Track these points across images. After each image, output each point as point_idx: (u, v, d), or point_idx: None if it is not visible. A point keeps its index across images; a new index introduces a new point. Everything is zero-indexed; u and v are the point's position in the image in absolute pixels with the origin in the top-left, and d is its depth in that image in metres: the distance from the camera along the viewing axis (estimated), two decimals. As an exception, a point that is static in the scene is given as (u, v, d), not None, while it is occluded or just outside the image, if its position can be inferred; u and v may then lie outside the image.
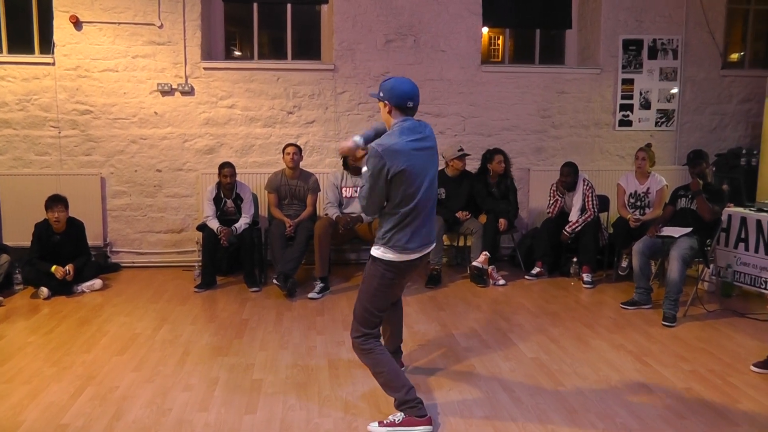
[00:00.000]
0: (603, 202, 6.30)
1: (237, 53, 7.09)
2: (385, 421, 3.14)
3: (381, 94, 3.10)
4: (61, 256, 5.47)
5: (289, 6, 6.71)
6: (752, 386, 3.65)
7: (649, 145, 5.95)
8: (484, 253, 5.79)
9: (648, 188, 5.88)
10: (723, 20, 7.05)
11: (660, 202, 5.78)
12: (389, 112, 3.12)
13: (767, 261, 5.11)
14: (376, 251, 3.14)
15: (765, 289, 5.11)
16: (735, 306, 5.20)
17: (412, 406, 3.14)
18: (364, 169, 3.06)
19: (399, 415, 3.15)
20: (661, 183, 5.86)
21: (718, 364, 3.99)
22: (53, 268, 5.36)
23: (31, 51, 6.39)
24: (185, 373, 3.81)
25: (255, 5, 6.71)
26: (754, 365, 3.89)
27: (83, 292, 5.54)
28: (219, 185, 5.90)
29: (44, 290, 5.35)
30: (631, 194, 5.95)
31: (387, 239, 3.08)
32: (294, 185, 5.96)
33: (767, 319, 4.78)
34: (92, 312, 5.01)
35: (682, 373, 3.83)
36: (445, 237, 6.19)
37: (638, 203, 5.91)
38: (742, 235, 5.33)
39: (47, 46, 6.29)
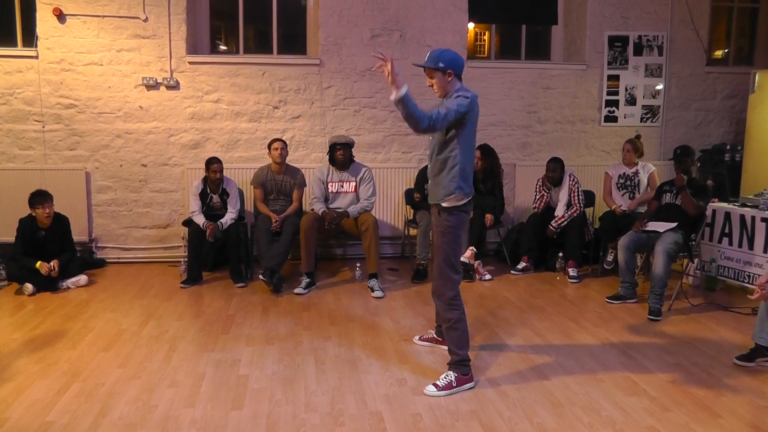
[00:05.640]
0: (589, 197, 6.33)
1: (222, 47, 7.04)
2: (440, 384, 3.47)
3: (441, 65, 3.47)
4: (46, 251, 5.42)
5: (274, 0, 6.68)
6: (735, 379, 3.70)
7: (638, 137, 5.98)
8: (471, 248, 5.81)
9: (637, 170, 5.93)
10: (707, 17, 7.11)
11: (653, 186, 5.81)
12: (449, 81, 3.52)
13: (750, 255, 5.16)
14: (449, 202, 3.47)
15: (748, 282, 5.16)
16: (719, 300, 5.26)
17: (465, 365, 3.54)
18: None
19: (451, 375, 3.51)
20: (650, 169, 5.94)
21: (702, 357, 4.03)
22: (38, 263, 5.31)
23: (13, 44, 6.30)
24: (171, 369, 3.80)
25: (240, -1, 6.68)
26: (737, 358, 3.93)
27: (68, 288, 5.50)
28: (205, 180, 5.86)
29: (29, 286, 5.30)
30: (620, 176, 5.98)
31: (456, 186, 3.45)
32: (280, 180, 5.94)
33: (750, 312, 4.83)
34: (77, 308, 4.98)
35: (667, 366, 3.87)
36: (431, 232, 6.18)
37: (628, 183, 5.94)
38: (726, 230, 5.38)
39: (30, 38, 6.21)
